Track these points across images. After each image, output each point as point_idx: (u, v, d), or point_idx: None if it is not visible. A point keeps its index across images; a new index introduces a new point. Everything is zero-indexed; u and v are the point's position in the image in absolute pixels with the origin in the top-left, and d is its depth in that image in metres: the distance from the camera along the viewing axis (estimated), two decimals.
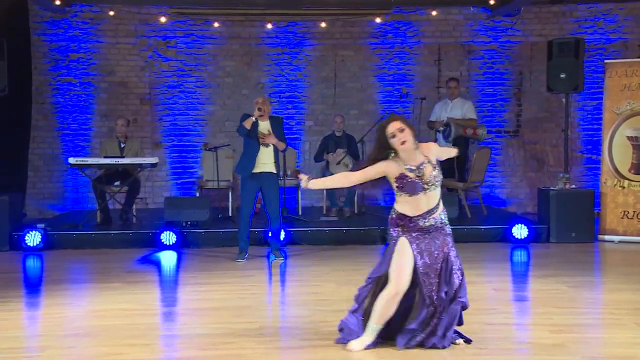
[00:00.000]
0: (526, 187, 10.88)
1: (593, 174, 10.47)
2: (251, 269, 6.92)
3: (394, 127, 4.17)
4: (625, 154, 8.31)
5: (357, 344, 4.21)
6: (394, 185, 4.23)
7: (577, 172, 10.54)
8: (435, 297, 4.17)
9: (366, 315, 4.27)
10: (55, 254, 7.74)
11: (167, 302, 5.80)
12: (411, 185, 4.15)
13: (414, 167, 4.18)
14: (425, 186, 4.16)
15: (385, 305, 4.17)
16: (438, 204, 4.24)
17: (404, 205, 4.23)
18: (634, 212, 8.22)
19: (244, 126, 7.09)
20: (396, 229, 4.25)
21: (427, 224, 4.20)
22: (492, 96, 10.87)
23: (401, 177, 4.17)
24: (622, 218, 8.28)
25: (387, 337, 4.26)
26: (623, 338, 4.50)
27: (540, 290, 5.95)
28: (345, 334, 4.31)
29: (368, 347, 4.20)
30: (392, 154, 4.23)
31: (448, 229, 4.29)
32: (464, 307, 4.28)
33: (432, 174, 4.19)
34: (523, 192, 10.90)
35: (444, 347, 4.18)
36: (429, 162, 4.21)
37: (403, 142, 4.14)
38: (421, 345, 4.19)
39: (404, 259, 4.17)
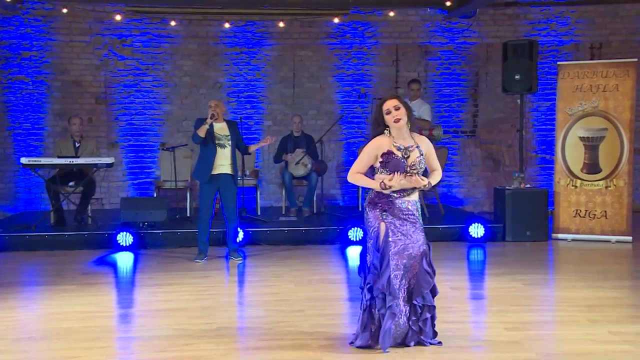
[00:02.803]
0: (483, 186, 11.03)
1: (547, 173, 10.68)
2: (209, 269, 6.87)
3: (390, 104, 4.28)
4: (577, 154, 8.49)
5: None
6: (378, 160, 4.28)
7: (531, 172, 10.74)
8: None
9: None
10: (7, 257, 7.56)
11: (124, 304, 5.72)
12: (395, 163, 4.22)
13: (402, 147, 4.27)
14: (408, 169, 4.24)
15: None
16: (414, 189, 4.32)
17: None
18: (586, 210, 8.41)
19: (198, 135, 7.02)
20: (375, 210, 4.30)
21: (404, 205, 4.29)
22: (449, 97, 11.00)
23: (388, 153, 4.25)
24: (574, 217, 8.46)
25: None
26: (576, 335, 4.60)
27: (496, 289, 6.05)
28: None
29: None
30: (387, 131, 4.30)
31: (420, 222, 4.38)
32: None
33: (417, 158, 4.28)
34: (480, 192, 11.06)
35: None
36: (418, 148, 4.30)
37: (397, 120, 4.25)
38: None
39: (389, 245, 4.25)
